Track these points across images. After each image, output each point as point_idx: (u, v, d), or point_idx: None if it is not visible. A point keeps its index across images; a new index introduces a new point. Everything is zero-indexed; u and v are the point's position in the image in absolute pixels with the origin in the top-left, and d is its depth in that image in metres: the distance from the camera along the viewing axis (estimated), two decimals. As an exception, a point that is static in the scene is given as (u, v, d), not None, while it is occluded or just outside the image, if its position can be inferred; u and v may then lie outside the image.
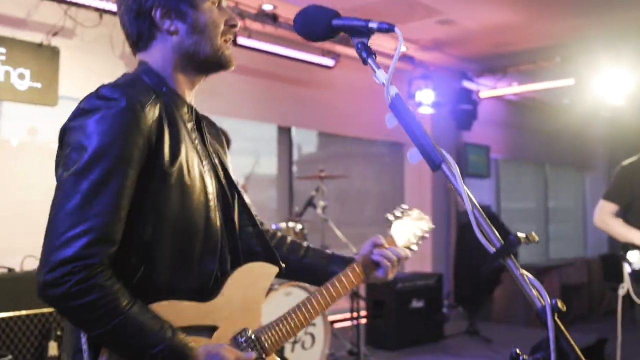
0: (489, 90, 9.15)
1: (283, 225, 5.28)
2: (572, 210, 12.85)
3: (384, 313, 6.81)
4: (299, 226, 5.35)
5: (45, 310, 4.16)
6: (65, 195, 1.45)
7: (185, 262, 1.63)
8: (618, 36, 7.33)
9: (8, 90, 4.75)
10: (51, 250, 1.41)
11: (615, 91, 7.91)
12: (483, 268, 7.83)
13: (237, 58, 1.79)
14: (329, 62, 7.42)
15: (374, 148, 8.95)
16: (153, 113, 1.57)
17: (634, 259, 4.17)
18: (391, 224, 2.07)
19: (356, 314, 6.03)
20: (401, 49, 1.44)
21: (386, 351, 6.65)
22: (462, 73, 8.63)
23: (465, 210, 1.22)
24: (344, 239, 5.93)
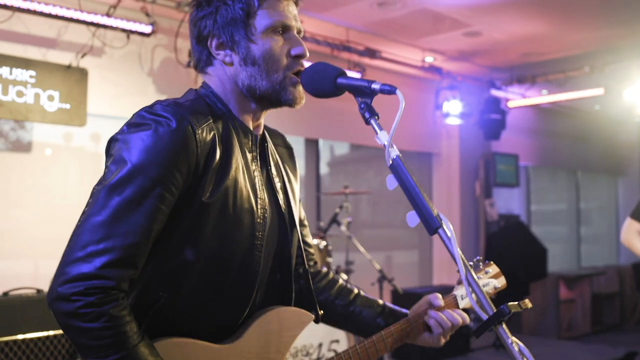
0: (518, 99, 9.07)
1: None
2: (605, 216, 12.68)
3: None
4: (324, 243, 5.37)
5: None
6: (96, 206, 1.38)
7: (211, 296, 1.54)
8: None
9: (37, 112, 4.84)
10: (70, 260, 1.35)
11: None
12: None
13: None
14: (356, 75, 7.42)
15: (403, 157, 8.89)
16: (206, 135, 1.49)
17: None
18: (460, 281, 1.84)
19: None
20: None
21: (412, 364, 6.63)
22: (490, 82, 8.56)
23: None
24: (368, 256, 5.93)
